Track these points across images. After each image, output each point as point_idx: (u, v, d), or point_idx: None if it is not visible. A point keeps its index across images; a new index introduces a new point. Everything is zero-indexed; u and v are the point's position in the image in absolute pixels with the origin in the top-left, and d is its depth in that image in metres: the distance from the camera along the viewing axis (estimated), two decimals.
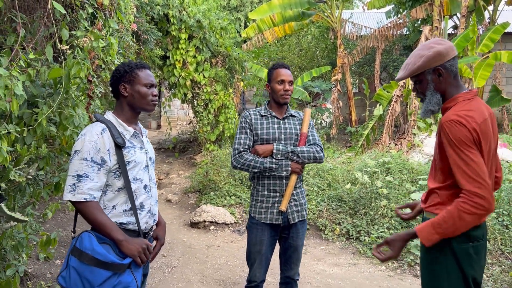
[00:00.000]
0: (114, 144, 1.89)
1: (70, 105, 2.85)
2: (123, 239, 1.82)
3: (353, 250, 4.68)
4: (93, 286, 1.74)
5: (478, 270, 1.74)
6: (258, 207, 2.56)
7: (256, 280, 2.58)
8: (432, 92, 1.80)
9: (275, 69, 2.59)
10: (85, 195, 1.80)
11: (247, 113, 2.63)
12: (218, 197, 6.12)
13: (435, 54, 1.74)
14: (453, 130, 1.62)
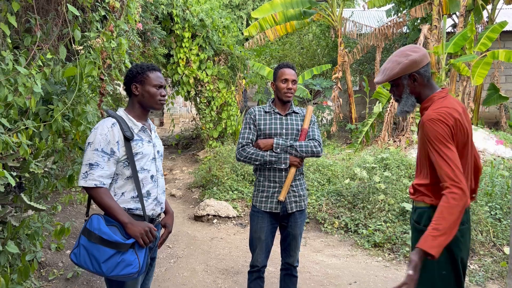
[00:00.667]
0: (123, 137, 2.07)
1: (83, 102, 3.03)
2: (128, 221, 2.00)
3: (351, 242, 4.86)
4: (99, 262, 1.93)
5: (465, 251, 1.91)
6: (259, 196, 2.74)
7: (258, 264, 2.76)
8: (408, 95, 2.00)
9: (280, 68, 2.76)
10: (95, 181, 2.00)
11: (252, 110, 2.80)
12: (221, 191, 6.30)
13: (411, 62, 1.94)
14: (434, 127, 1.80)
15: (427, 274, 1.91)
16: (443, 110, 1.83)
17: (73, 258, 2.01)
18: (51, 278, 3.62)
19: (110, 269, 1.92)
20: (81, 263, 1.98)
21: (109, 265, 1.92)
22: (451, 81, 9.23)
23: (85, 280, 3.71)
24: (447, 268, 1.88)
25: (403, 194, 5.28)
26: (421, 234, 1.93)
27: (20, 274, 2.75)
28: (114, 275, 1.94)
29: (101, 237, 1.94)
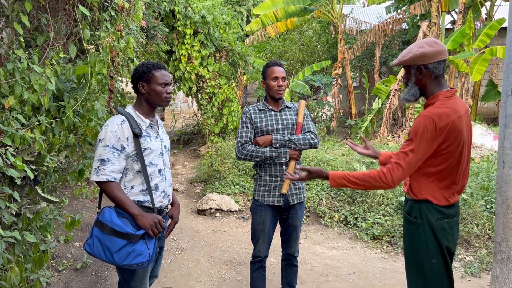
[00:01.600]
0: (132, 133, 2.19)
1: (92, 99, 3.15)
2: (138, 213, 2.13)
3: (351, 235, 4.99)
4: (112, 252, 2.07)
5: (452, 241, 2.04)
6: (261, 190, 2.86)
7: (261, 255, 2.90)
8: (412, 85, 2.08)
9: (269, 67, 2.85)
10: (107, 176, 2.12)
11: (247, 109, 2.91)
12: (223, 186, 6.43)
13: (420, 54, 2.00)
14: (422, 123, 1.90)
15: (418, 262, 2.04)
16: (442, 111, 1.91)
17: (87, 249, 2.14)
18: (61, 269, 3.76)
19: (122, 258, 2.05)
20: (95, 253, 2.10)
21: (121, 255, 2.05)
22: (450, 78, 9.34)
23: (93, 271, 3.84)
24: (436, 257, 2.00)
25: (401, 188, 5.41)
26: (411, 225, 2.06)
27: (34, 264, 2.88)
28: (125, 264, 2.06)
29: (113, 228, 2.06)
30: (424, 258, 2.00)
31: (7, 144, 2.43)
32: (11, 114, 2.52)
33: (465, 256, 4.25)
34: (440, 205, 1.95)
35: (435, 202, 1.95)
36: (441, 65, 2.01)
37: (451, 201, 1.96)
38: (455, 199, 1.99)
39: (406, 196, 2.17)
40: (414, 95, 2.09)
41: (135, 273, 2.22)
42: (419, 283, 2.01)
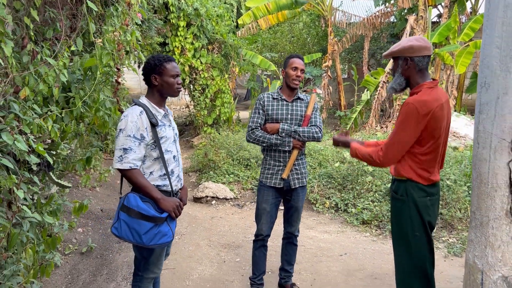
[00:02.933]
0: (150, 123, 2.36)
1: (97, 90, 3.31)
2: (160, 197, 2.31)
3: (341, 220, 5.25)
4: (140, 234, 2.25)
5: (433, 216, 2.28)
6: (265, 173, 3.10)
7: (263, 233, 3.13)
8: (398, 75, 2.30)
9: (291, 58, 3.07)
10: (130, 163, 2.28)
11: (261, 96, 3.13)
12: (217, 175, 6.63)
13: (408, 47, 2.24)
14: (408, 109, 2.12)
15: (403, 235, 2.28)
16: (424, 99, 2.13)
17: (114, 232, 2.32)
18: (67, 252, 3.94)
19: (150, 239, 2.24)
20: (123, 236, 2.29)
21: (148, 236, 2.24)
22: (436, 70, 9.63)
23: (98, 254, 4.03)
24: (419, 230, 2.25)
25: (389, 176, 5.67)
26: (397, 202, 2.30)
27: (47, 245, 3.06)
28: (152, 244, 2.26)
29: (140, 213, 2.24)
30: (408, 231, 2.24)
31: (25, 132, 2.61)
32: (26, 104, 2.69)
33: (448, 238, 4.53)
34: (423, 184, 2.19)
35: (418, 181, 2.19)
36: (425, 60, 2.24)
37: (433, 180, 2.20)
38: (436, 179, 2.24)
39: (393, 177, 2.40)
40: (400, 85, 2.31)
41: (154, 251, 2.41)
42: (404, 253, 2.25)
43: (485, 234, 1.61)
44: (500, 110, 1.54)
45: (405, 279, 2.28)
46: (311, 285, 3.51)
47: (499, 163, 1.56)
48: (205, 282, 3.54)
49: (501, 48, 1.52)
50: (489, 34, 1.59)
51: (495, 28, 1.54)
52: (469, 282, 1.71)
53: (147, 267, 2.47)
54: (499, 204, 1.57)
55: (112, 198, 5.80)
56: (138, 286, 2.52)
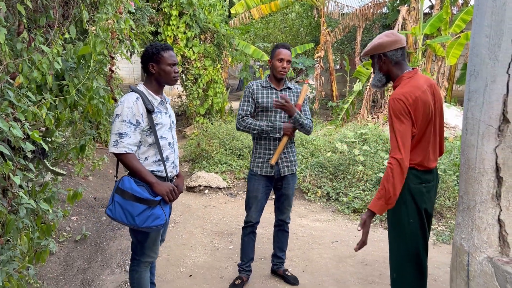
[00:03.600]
0: (146, 109, 2.39)
1: (91, 79, 3.31)
2: (154, 181, 2.35)
3: (333, 209, 5.32)
4: (133, 216, 2.30)
5: (429, 203, 2.33)
6: (256, 162, 3.13)
7: (252, 220, 3.18)
8: (377, 72, 2.38)
9: (277, 48, 3.07)
10: (125, 148, 2.32)
11: (250, 84, 3.14)
12: (210, 165, 6.67)
13: (378, 45, 2.31)
14: (393, 105, 2.17)
15: (398, 222, 2.33)
16: (406, 90, 2.18)
17: (108, 213, 2.36)
18: (61, 240, 3.96)
19: (142, 221, 2.29)
20: (117, 217, 2.33)
21: (141, 218, 2.28)
22: (427, 61, 9.70)
23: (92, 242, 4.06)
24: (414, 217, 2.30)
25: (380, 165, 5.75)
26: None
27: (42, 232, 3.08)
28: (145, 226, 2.30)
29: (134, 195, 2.28)
30: (403, 218, 2.29)
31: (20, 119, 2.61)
32: (21, 91, 2.69)
33: (437, 226, 4.63)
34: (418, 170, 2.24)
35: (412, 167, 2.23)
36: (398, 52, 2.30)
37: (428, 167, 2.25)
38: (432, 165, 2.29)
39: None
40: (380, 81, 2.38)
41: (149, 235, 2.46)
42: (399, 239, 2.31)
43: (471, 217, 1.67)
44: (488, 98, 1.60)
45: (399, 264, 2.34)
46: (303, 271, 3.57)
47: (486, 148, 1.61)
48: (199, 269, 3.59)
49: (490, 37, 1.57)
50: (479, 23, 1.63)
51: (485, 17, 1.59)
52: (456, 264, 1.77)
53: (143, 251, 2.52)
54: (486, 188, 1.62)
55: (105, 187, 5.81)
56: (136, 270, 2.57)
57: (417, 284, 2.27)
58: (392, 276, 2.33)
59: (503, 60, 1.53)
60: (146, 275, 2.62)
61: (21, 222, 2.47)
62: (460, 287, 1.73)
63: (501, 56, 1.53)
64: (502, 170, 1.57)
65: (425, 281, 2.32)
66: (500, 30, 1.52)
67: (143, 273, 2.59)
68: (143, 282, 2.60)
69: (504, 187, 1.58)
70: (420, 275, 2.27)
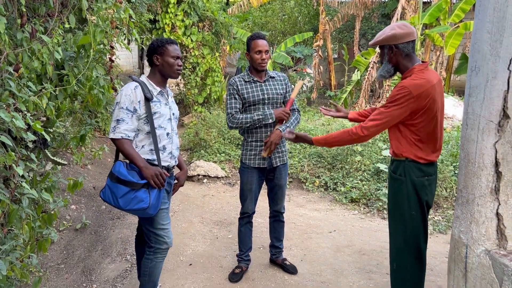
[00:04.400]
0: (144, 97, 2.46)
1: (90, 68, 3.31)
2: (143, 165, 2.42)
3: (330, 199, 5.37)
4: (117, 197, 2.39)
5: (430, 196, 2.37)
6: (248, 154, 3.14)
7: (249, 211, 3.22)
8: (386, 62, 2.37)
9: (253, 40, 3.01)
10: (121, 133, 2.42)
11: (233, 81, 3.09)
12: (209, 154, 6.68)
13: (391, 35, 2.30)
14: (398, 91, 2.20)
15: (400, 214, 2.37)
16: (416, 82, 2.20)
17: (101, 196, 2.48)
18: (62, 229, 3.99)
19: (126, 203, 2.37)
20: (106, 199, 2.44)
21: (125, 200, 2.37)
22: (426, 51, 9.69)
23: (92, 231, 4.09)
24: (416, 210, 2.34)
25: (377, 155, 5.79)
26: (396, 182, 2.38)
27: (43, 221, 3.10)
28: (129, 209, 2.38)
29: (118, 177, 2.39)
30: (405, 210, 2.33)
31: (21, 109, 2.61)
32: (21, 81, 2.69)
33: (434, 216, 4.68)
34: (421, 163, 2.27)
35: (416, 160, 2.27)
36: (410, 45, 2.31)
37: (430, 160, 2.29)
38: (433, 158, 2.32)
39: (392, 157, 2.48)
40: (388, 72, 2.39)
41: (154, 220, 2.55)
42: (400, 231, 2.35)
43: (470, 211, 1.70)
44: (489, 94, 1.61)
45: (399, 254, 2.39)
46: (301, 260, 3.62)
47: (486, 143, 1.63)
48: (198, 258, 3.64)
49: (492, 33, 1.58)
50: (481, 19, 1.64)
51: (487, 13, 1.60)
52: (454, 256, 1.81)
53: (157, 236, 2.60)
54: (485, 183, 1.65)
55: (104, 175, 5.83)
56: (151, 259, 2.64)
57: (417, 274, 2.32)
58: (393, 266, 2.38)
59: (504, 56, 1.55)
60: (160, 265, 2.70)
61: (23, 211, 2.49)
62: (458, 278, 1.77)
63: (503, 53, 1.55)
64: (501, 164, 1.60)
65: (424, 270, 2.37)
66: (502, 27, 1.54)
67: (159, 263, 2.67)
68: (156, 272, 2.68)
69: (503, 182, 1.61)
70: (420, 265, 2.32)
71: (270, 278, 3.31)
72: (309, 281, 3.28)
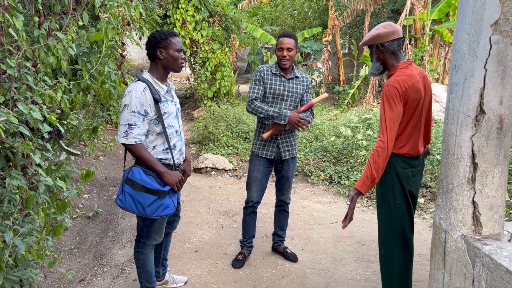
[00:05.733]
0: (153, 99, 2.45)
1: (102, 63, 3.48)
2: (164, 171, 2.44)
3: (334, 192, 5.50)
4: (144, 206, 2.41)
5: (414, 186, 2.50)
6: (258, 144, 3.31)
7: (253, 200, 3.37)
8: (375, 61, 2.51)
9: (279, 38, 3.19)
10: (135, 139, 2.39)
11: (261, 68, 3.23)
12: (217, 147, 6.85)
13: (376, 35, 2.45)
14: (388, 91, 2.32)
15: (386, 203, 2.51)
16: (400, 78, 2.33)
17: (119, 203, 2.47)
18: (75, 216, 4.20)
19: (153, 211, 2.41)
20: (127, 207, 2.44)
21: (151, 208, 2.40)
22: (435, 47, 9.71)
23: (104, 219, 4.29)
24: (401, 199, 2.48)
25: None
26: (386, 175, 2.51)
27: (58, 208, 3.30)
28: (156, 216, 2.42)
29: (144, 186, 2.38)
30: (390, 199, 2.46)
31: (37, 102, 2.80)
32: (38, 76, 2.87)
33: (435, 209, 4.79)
34: (406, 156, 2.40)
35: (401, 153, 2.40)
36: (395, 43, 2.44)
37: (416, 153, 2.42)
38: (419, 152, 2.45)
39: None
40: (377, 69, 2.52)
41: (156, 221, 2.59)
42: (387, 218, 2.49)
43: (449, 199, 1.83)
44: (467, 90, 1.74)
45: (386, 241, 2.52)
46: (302, 249, 3.77)
47: (464, 136, 1.76)
48: (204, 245, 3.81)
49: (470, 34, 1.70)
50: (461, 21, 1.76)
51: (466, 16, 1.72)
52: (435, 241, 1.94)
53: (149, 235, 2.64)
54: (462, 173, 1.78)
55: (115, 167, 6.04)
56: (141, 252, 2.69)
57: (404, 259, 2.46)
58: (381, 252, 2.52)
59: (481, 56, 1.67)
60: (151, 256, 2.74)
61: (40, 197, 2.67)
62: (438, 262, 1.90)
63: (479, 53, 1.67)
64: (477, 156, 1.72)
65: (411, 256, 2.51)
66: (479, 29, 1.65)
67: (148, 254, 2.71)
68: (148, 263, 2.72)
69: (479, 172, 1.73)
70: (407, 250, 2.46)
71: (271, 265, 3.47)
72: (308, 268, 3.43)
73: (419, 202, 4.85)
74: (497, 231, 1.74)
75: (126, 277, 3.26)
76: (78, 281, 3.20)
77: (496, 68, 1.65)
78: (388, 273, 2.50)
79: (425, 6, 9.26)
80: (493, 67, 1.65)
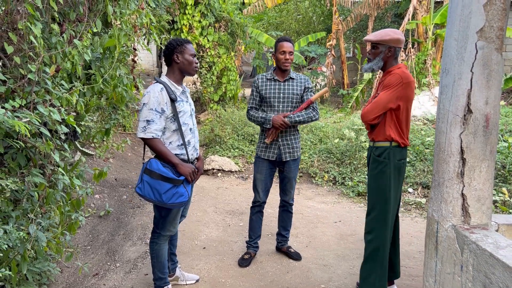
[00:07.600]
0: (170, 99, 2.67)
1: (115, 68, 3.66)
2: (178, 163, 2.66)
3: (338, 192, 5.63)
4: (160, 193, 2.62)
5: (403, 176, 2.77)
6: (261, 147, 3.48)
7: (260, 200, 3.53)
8: (380, 59, 2.71)
9: (279, 42, 3.35)
10: (152, 133, 2.62)
11: (256, 78, 3.46)
12: (223, 149, 7.02)
13: (396, 39, 2.66)
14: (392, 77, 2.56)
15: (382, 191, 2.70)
16: (406, 74, 2.58)
17: (138, 191, 2.68)
18: (87, 215, 4.37)
19: (168, 198, 2.61)
20: (145, 195, 2.66)
21: (167, 195, 2.61)
22: (437, 50, 9.83)
23: (115, 218, 4.46)
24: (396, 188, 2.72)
25: None
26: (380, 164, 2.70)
27: (73, 206, 3.47)
28: (171, 203, 2.62)
29: (161, 175, 2.60)
30: (386, 188, 2.66)
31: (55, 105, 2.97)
32: (55, 80, 3.05)
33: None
34: (401, 146, 2.62)
35: (400, 143, 2.62)
36: (400, 50, 2.71)
37: (407, 144, 2.69)
38: (407, 143, 2.67)
39: (375, 143, 2.75)
40: (379, 67, 2.74)
41: (171, 211, 2.78)
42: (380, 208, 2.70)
43: (441, 192, 1.98)
44: (456, 92, 1.88)
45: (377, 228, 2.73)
46: (306, 246, 3.91)
47: (453, 134, 1.91)
48: (211, 242, 3.96)
49: (458, 40, 1.85)
50: (450, 28, 1.91)
51: (455, 23, 1.87)
52: (428, 232, 2.08)
53: (164, 225, 2.84)
54: (452, 168, 1.92)
55: (125, 168, 6.21)
56: (156, 242, 2.90)
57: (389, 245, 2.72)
58: (366, 238, 2.75)
59: (468, 60, 1.81)
60: (165, 247, 2.93)
61: (59, 194, 2.84)
62: (431, 250, 2.04)
63: (466, 57, 1.82)
64: (466, 152, 1.87)
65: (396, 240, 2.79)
66: (466, 35, 1.80)
67: (162, 245, 2.91)
68: (162, 253, 2.93)
69: (467, 167, 1.87)
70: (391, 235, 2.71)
71: (276, 260, 3.61)
72: (312, 264, 3.57)
73: (421, 202, 4.98)
74: (484, 221, 1.88)
75: (138, 272, 3.42)
76: (92, 275, 3.37)
77: (481, 71, 1.80)
78: (373, 259, 2.72)
79: (428, 11, 9.39)
80: (479, 71, 1.80)
